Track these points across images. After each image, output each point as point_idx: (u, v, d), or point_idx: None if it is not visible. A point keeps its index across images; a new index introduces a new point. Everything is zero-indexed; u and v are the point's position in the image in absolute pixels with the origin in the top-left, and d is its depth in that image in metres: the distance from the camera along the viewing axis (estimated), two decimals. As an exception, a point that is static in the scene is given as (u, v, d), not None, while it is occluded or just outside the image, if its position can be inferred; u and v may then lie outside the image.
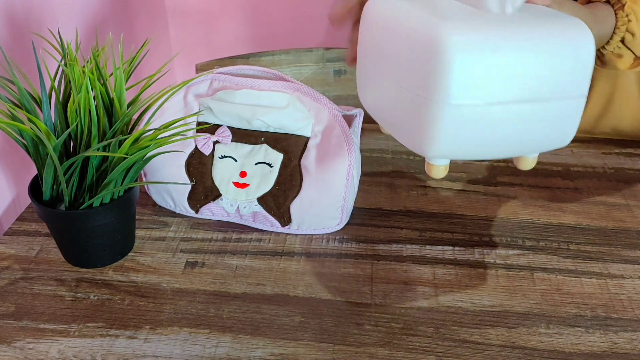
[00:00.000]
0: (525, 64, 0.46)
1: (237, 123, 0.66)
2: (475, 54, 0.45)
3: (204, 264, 0.64)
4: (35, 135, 0.55)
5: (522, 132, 0.49)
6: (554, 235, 0.68)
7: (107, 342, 0.54)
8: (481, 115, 0.47)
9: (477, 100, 0.46)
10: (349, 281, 0.61)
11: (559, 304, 0.58)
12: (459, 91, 0.45)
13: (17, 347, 0.54)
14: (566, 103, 0.48)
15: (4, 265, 0.63)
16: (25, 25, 0.79)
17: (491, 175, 0.78)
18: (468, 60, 0.45)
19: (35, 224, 0.70)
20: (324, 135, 0.66)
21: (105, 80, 0.59)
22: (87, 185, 0.59)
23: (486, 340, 0.54)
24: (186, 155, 0.68)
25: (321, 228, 0.67)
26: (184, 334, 0.55)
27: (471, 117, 0.47)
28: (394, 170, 0.80)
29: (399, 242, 0.67)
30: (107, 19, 1.06)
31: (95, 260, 0.63)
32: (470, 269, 0.63)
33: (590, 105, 0.83)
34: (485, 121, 0.47)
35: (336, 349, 0.54)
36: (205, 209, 0.69)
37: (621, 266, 0.63)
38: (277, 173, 0.66)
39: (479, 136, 0.48)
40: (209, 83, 0.68)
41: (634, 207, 0.72)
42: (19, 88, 0.57)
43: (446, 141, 0.48)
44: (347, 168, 0.64)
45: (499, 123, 0.48)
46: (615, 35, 0.66)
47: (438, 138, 0.48)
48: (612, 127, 0.85)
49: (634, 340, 0.54)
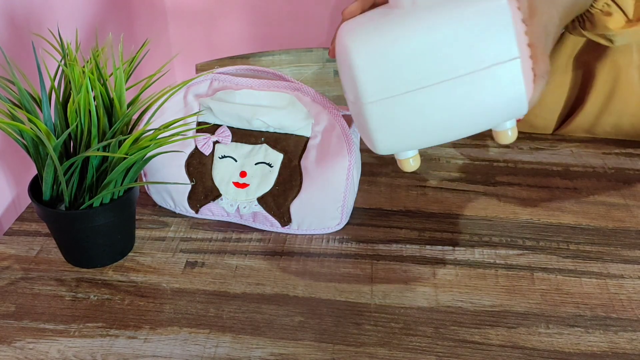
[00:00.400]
0: (430, 45, 0.47)
1: (237, 123, 0.66)
2: (372, 53, 0.48)
3: (203, 264, 0.64)
4: (35, 136, 0.55)
5: (462, 109, 0.50)
6: (554, 235, 0.68)
7: (107, 342, 0.54)
8: (406, 104, 0.49)
9: (394, 92, 0.48)
10: (349, 281, 0.61)
11: (558, 304, 0.58)
12: (372, 89, 0.49)
13: (17, 347, 0.54)
14: (497, 70, 0.48)
15: (4, 265, 0.64)
16: (25, 25, 0.79)
17: (491, 175, 0.78)
18: (367, 60, 0.48)
19: (35, 224, 0.70)
20: (324, 135, 0.66)
21: (105, 81, 0.59)
22: (87, 186, 0.59)
23: (486, 340, 0.54)
24: (186, 155, 0.68)
25: (321, 228, 0.68)
26: (184, 334, 0.55)
27: (396, 108, 0.49)
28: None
29: (399, 242, 0.67)
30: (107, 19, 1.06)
31: (95, 260, 0.63)
32: (470, 269, 0.63)
33: (591, 102, 0.83)
34: (413, 109, 0.49)
35: (336, 349, 0.54)
36: (205, 209, 0.69)
37: (621, 266, 0.63)
38: (277, 173, 0.66)
39: (416, 124, 0.50)
40: (209, 83, 0.68)
41: (634, 207, 0.72)
42: (19, 88, 0.57)
43: (387, 135, 0.51)
44: (347, 168, 0.64)
45: (430, 107, 0.49)
46: None
47: (377, 134, 0.51)
48: (613, 124, 0.85)
49: (634, 340, 0.54)
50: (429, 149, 0.84)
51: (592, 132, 0.87)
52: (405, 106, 0.49)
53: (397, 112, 0.49)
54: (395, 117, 0.50)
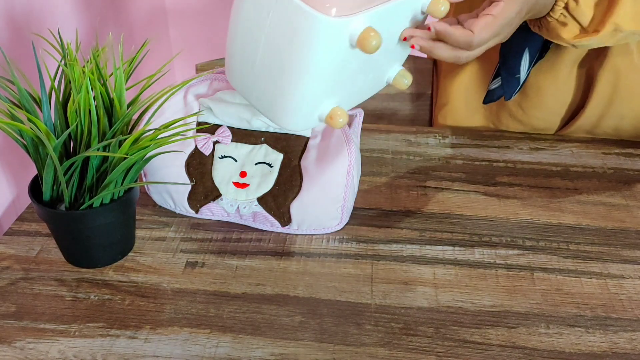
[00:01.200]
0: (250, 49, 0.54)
1: (237, 123, 0.66)
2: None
3: (204, 264, 0.64)
4: (35, 136, 0.55)
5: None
6: (554, 235, 0.68)
7: (108, 342, 0.54)
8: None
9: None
10: (349, 281, 0.61)
11: (559, 304, 0.58)
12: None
13: (18, 347, 0.54)
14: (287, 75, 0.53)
15: (4, 266, 0.64)
16: (25, 25, 0.79)
17: (491, 176, 0.78)
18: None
19: (35, 224, 0.70)
20: (324, 135, 0.66)
21: (105, 81, 0.59)
22: (87, 186, 0.59)
23: (486, 340, 0.54)
24: (186, 155, 0.68)
25: (321, 228, 0.68)
26: (184, 334, 0.55)
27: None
28: (394, 170, 0.80)
29: (399, 242, 0.67)
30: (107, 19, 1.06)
31: (95, 260, 0.63)
32: (470, 269, 0.63)
33: (592, 106, 0.83)
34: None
35: (336, 349, 0.54)
36: (205, 209, 0.69)
37: (621, 266, 0.63)
38: (277, 173, 0.66)
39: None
40: (209, 83, 0.68)
41: (634, 208, 0.72)
42: (18, 88, 0.57)
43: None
44: (347, 168, 0.64)
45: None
46: (559, 0, 0.64)
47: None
48: (614, 126, 0.85)
49: (634, 340, 0.54)
50: (429, 149, 0.84)
51: (593, 133, 0.87)
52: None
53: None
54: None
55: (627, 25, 0.65)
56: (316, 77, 0.53)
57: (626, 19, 0.65)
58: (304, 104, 0.55)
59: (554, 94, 0.84)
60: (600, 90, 0.81)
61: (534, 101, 0.85)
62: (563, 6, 0.65)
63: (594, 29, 0.66)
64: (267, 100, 0.57)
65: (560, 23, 0.67)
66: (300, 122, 0.58)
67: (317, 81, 0.53)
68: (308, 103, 0.55)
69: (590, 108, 0.83)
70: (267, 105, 0.57)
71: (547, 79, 0.83)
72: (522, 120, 0.88)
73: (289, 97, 0.54)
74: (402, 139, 0.87)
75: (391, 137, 0.87)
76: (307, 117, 0.57)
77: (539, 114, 0.87)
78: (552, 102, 0.85)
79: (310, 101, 0.55)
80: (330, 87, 0.55)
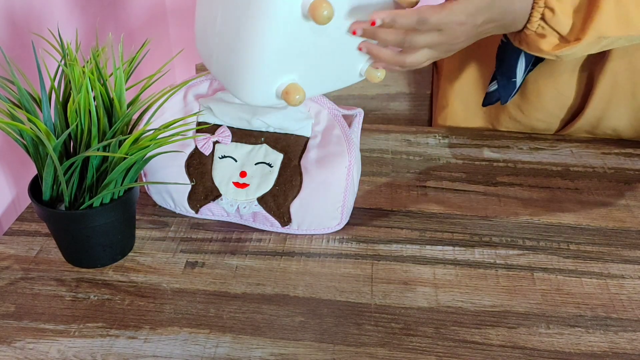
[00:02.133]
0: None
1: (237, 123, 0.66)
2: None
3: (204, 264, 0.64)
4: (35, 135, 0.55)
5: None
6: (554, 235, 0.68)
7: (107, 342, 0.54)
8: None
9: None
10: (349, 281, 0.61)
11: (559, 304, 0.58)
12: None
13: (17, 347, 0.54)
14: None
15: (4, 265, 0.63)
16: (25, 25, 0.79)
17: (491, 176, 0.78)
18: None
19: (35, 224, 0.70)
20: (324, 135, 0.66)
21: (105, 81, 0.59)
22: (87, 186, 0.59)
23: (486, 341, 0.54)
24: (186, 155, 0.68)
25: (321, 228, 0.67)
26: (184, 334, 0.55)
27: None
28: (394, 170, 0.80)
29: (399, 242, 0.67)
30: (107, 19, 1.06)
31: (95, 260, 0.63)
32: (470, 269, 0.63)
33: (592, 107, 0.83)
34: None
35: (336, 349, 0.54)
36: (205, 209, 0.69)
37: (621, 266, 0.63)
38: (277, 173, 0.66)
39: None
40: (209, 83, 0.68)
41: (634, 208, 0.72)
42: (18, 88, 0.57)
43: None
44: (347, 168, 0.64)
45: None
46: (535, 11, 0.61)
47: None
48: (613, 127, 0.85)
49: (634, 340, 0.54)
50: (429, 149, 0.84)
51: (592, 134, 0.87)
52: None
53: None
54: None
55: (610, 32, 0.62)
56: (270, 45, 0.53)
57: (609, 24, 0.61)
58: (259, 75, 0.55)
59: (554, 97, 0.84)
60: (600, 93, 0.81)
61: (534, 104, 0.85)
62: (539, 17, 0.62)
63: (575, 37, 0.63)
64: (226, 70, 0.57)
65: (538, 35, 0.63)
66: (259, 96, 0.57)
67: (271, 50, 0.53)
68: (264, 74, 0.55)
69: (589, 110, 0.83)
70: (226, 76, 0.58)
71: (548, 82, 0.83)
72: (521, 122, 0.88)
73: (245, 66, 0.55)
74: (402, 139, 0.87)
75: (391, 137, 0.87)
76: (265, 90, 0.57)
77: (539, 116, 0.87)
78: (552, 105, 0.85)
79: (266, 73, 0.55)
80: (287, 60, 0.55)
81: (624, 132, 0.86)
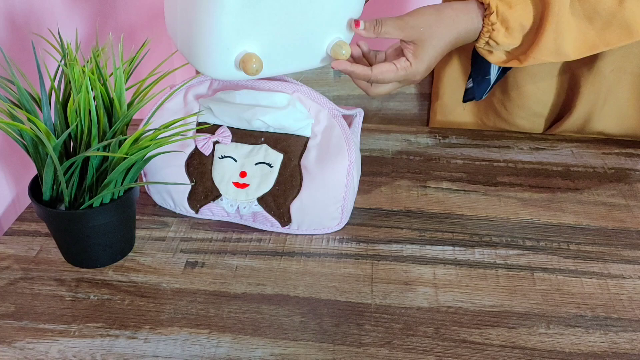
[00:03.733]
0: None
1: (237, 123, 0.66)
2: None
3: (204, 264, 0.64)
4: (35, 135, 0.55)
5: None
6: (554, 235, 0.67)
7: (107, 342, 0.54)
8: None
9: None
10: (349, 281, 0.61)
11: (559, 304, 0.58)
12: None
13: (17, 347, 0.54)
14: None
15: (4, 265, 0.63)
16: (25, 25, 0.79)
17: (491, 176, 0.78)
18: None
19: (35, 224, 0.70)
20: (324, 135, 0.66)
21: (105, 81, 0.59)
22: (87, 186, 0.59)
23: (486, 341, 0.54)
24: (186, 155, 0.68)
25: (321, 228, 0.67)
26: (184, 334, 0.55)
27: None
28: (394, 170, 0.79)
29: (399, 242, 0.66)
30: (107, 19, 1.06)
31: (95, 260, 0.63)
32: (470, 269, 0.63)
33: (579, 108, 0.83)
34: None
35: (336, 349, 0.54)
36: (205, 209, 0.69)
37: (621, 266, 0.63)
38: (277, 173, 0.66)
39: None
40: (209, 83, 0.68)
41: (634, 207, 0.72)
42: (18, 88, 0.57)
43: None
44: (347, 168, 0.64)
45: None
46: (481, 37, 0.66)
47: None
48: (599, 131, 0.86)
49: (634, 340, 0.54)
50: (429, 149, 0.84)
51: (581, 134, 0.88)
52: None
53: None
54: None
55: (547, 59, 0.66)
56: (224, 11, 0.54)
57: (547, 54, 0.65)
58: (216, 44, 0.56)
59: (535, 94, 0.85)
60: (587, 94, 0.82)
61: (516, 101, 0.87)
62: (485, 42, 0.67)
63: (518, 57, 0.68)
64: (188, 44, 0.58)
65: (486, 51, 0.68)
66: (219, 67, 0.58)
67: (226, 15, 0.54)
68: (220, 44, 0.56)
69: (577, 111, 0.84)
70: (189, 49, 0.59)
71: (527, 80, 0.84)
72: (507, 119, 0.89)
73: (201, 36, 0.56)
74: (402, 139, 0.87)
75: (391, 137, 0.87)
76: (224, 61, 0.58)
77: (522, 114, 0.87)
78: (534, 103, 0.86)
79: (223, 42, 0.56)
80: (243, 28, 0.55)
81: (612, 134, 0.86)
